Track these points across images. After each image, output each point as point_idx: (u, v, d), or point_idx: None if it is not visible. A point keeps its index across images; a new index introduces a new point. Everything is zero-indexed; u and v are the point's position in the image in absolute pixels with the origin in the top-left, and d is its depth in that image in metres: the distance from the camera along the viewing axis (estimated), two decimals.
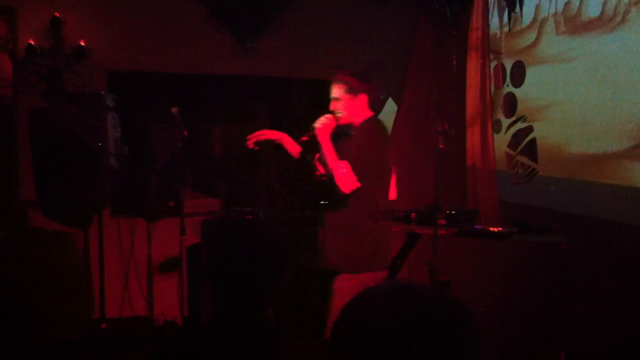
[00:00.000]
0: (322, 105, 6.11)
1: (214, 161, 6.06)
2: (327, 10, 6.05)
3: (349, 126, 3.85)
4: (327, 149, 3.68)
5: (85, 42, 5.22)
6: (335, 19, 6.06)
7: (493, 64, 5.68)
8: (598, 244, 4.40)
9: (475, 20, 5.69)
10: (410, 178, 5.73)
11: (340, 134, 3.84)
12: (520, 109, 5.45)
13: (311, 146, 3.85)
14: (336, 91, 3.81)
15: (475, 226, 4.64)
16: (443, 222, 4.51)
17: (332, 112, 3.78)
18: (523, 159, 5.42)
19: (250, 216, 5.12)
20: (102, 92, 5.18)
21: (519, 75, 5.45)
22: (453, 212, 4.63)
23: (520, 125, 5.44)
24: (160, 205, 5.35)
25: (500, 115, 5.68)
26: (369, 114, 3.85)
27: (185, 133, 5.12)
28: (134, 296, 5.41)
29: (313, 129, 3.74)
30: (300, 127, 6.11)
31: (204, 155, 5.89)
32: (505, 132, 5.60)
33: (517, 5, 5.40)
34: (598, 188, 4.54)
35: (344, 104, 3.78)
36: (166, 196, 5.30)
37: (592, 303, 4.29)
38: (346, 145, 3.77)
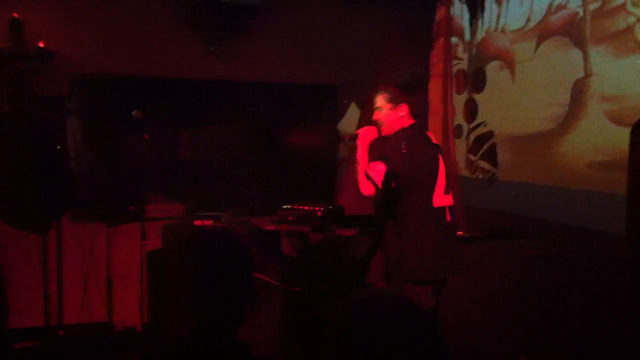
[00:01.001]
0: (295, 109, 6.17)
1: (180, 166, 6.02)
2: (298, 15, 6.06)
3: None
4: (361, 154, 3.79)
5: (46, 45, 5.14)
6: (306, 24, 6.07)
7: (455, 68, 5.73)
8: (561, 247, 4.45)
9: (438, 25, 5.74)
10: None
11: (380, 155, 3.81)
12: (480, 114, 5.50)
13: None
14: (379, 101, 3.85)
15: None
16: None
17: (374, 123, 3.85)
18: (483, 164, 5.47)
19: (211, 221, 5.09)
20: (62, 95, 5.13)
21: (479, 80, 5.50)
22: None
23: (480, 130, 5.49)
24: (121, 210, 5.29)
25: (461, 121, 5.72)
26: (409, 122, 3.84)
27: (147, 136, 5.07)
28: (94, 302, 5.32)
29: (357, 134, 3.84)
30: (271, 131, 6.17)
31: (170, 160, 5.85)
32: (466, 137, 5.65)
33: (479, 11, 5.47)
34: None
35: (385, 113, 3.82)
36: (129, 201, 5.25)
37: (556, 307, 4.34)
38: (386, 149, 3.79)
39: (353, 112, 6.32)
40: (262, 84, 6.10)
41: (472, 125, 5.58)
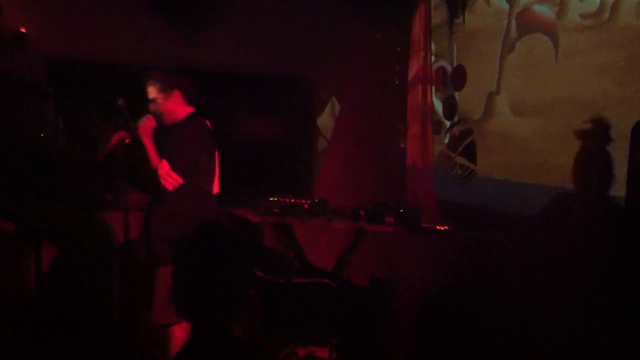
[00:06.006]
0: (272, 101, 6.16)
1: None
2: (276, 5, 6.04)
3: (173, 125, 3.99)
4: (149, 148, 3.89)
5: (26, 29, 5.03)
6: (280, 14, 6.06)
7: (435, 65, 5.81)
8: (532, 241, 4.57)
9: (418, 21, 5.81)
10: (352, 176, 5.80)
11: (165, 133, 3.97)
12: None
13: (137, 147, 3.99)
14: (150, 92, 3.97)
15: (422, 224, 4.73)
16: (391, 220, 4.60)
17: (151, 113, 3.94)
18: (462, 160, 5.57)
19: None
20: (43, 80, 5.02)
21: (460, 77, 5.59)
22: (401, 210, 4.71)
23: (460, 127, 5.60)
24: (99, 198, 5.22)
25: (440, 117, 5.81)
26: (188, 110, 3.98)
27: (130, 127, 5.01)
28: None
29: (136, 129, 3.91)
30: (248, 123, 6.16)
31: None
32: (445, 133, 5.75)
33: (459, 12, 5.56)
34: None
35: (160, 103, 3.93)
36: (105, 189, 5.19)
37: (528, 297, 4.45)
38: (169, 143, 3.92)
39: (332, 106, 6.37)
40: (238, 74, 6.08)
41: (451, 122, 5.68)
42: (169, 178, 3.79)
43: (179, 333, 3.78)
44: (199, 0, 5.86)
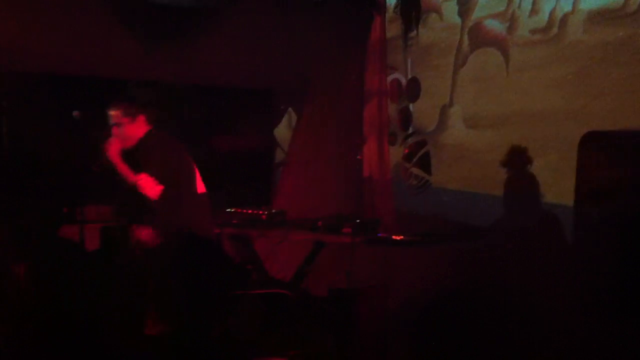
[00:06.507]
0: (231, 112, 6.19)
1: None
2: (235, 19, 6.06)
3: (137, 146, 4.14)
4: (121, 169, 4.05)
5: None
6: (243, 29, 6.08)
7: (390, 78, 5.91)
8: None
9: (373, 34, 5.90)
10: (310, 187, 5.85)
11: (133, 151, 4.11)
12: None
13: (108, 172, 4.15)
14: (114, 117, 4.11)
15: (378, 234, 4.79)
16: (349, 230, 4.65)
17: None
18: (417, 171, 5.67)
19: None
20: None
21: (414, 90, 5.70)
22: (358, 221, 4.76)
23: (414, 138, 5.70)
24: (54, 212, 5.19)
25: (396, 128, 5.91)
26: (147, 129, 4.13)
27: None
28: None
29: (101, 157, 4.07)
30: (206, 135, 6.17)
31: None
32: (401, 144, 5.84)
33: (413, 26, 5.67)
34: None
35: (124, 127, 4.09)
36: (62, 202, 5.17)
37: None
38: (142, 165, 4.04)
39: (290, 118, 6.42)
40: (198, 87, 6.10)
41: (406, 133, 5.78)
42: (153, 188, 3.82)
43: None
44: (160, 14, 5.85)
